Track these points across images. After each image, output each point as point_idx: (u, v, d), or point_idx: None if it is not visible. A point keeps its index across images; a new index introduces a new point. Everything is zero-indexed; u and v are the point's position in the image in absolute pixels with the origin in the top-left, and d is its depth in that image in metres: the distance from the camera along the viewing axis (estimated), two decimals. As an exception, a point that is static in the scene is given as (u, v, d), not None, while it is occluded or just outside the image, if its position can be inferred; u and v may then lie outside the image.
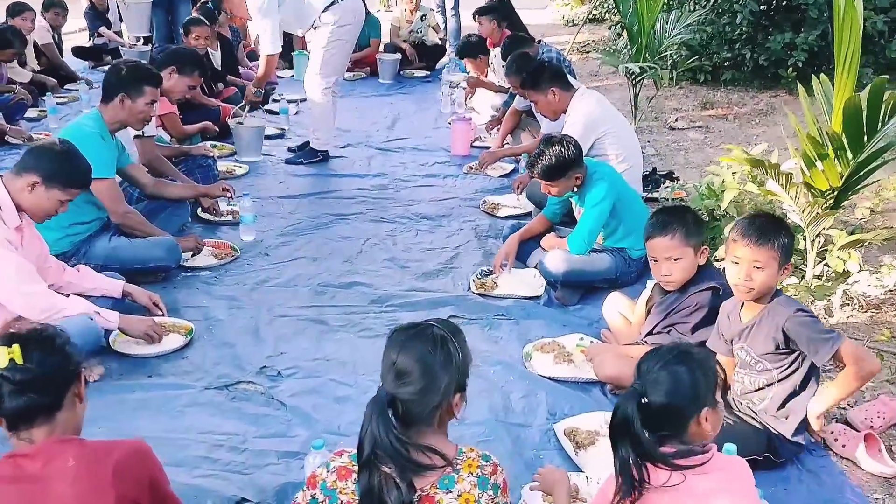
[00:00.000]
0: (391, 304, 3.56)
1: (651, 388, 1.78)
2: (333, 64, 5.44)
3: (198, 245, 3.85)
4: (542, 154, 3.47)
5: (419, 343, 1.78)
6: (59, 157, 2.80)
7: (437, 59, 9.16)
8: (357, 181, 5.30)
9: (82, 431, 1.86)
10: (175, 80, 4.38)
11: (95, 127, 3.61)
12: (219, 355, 3.09)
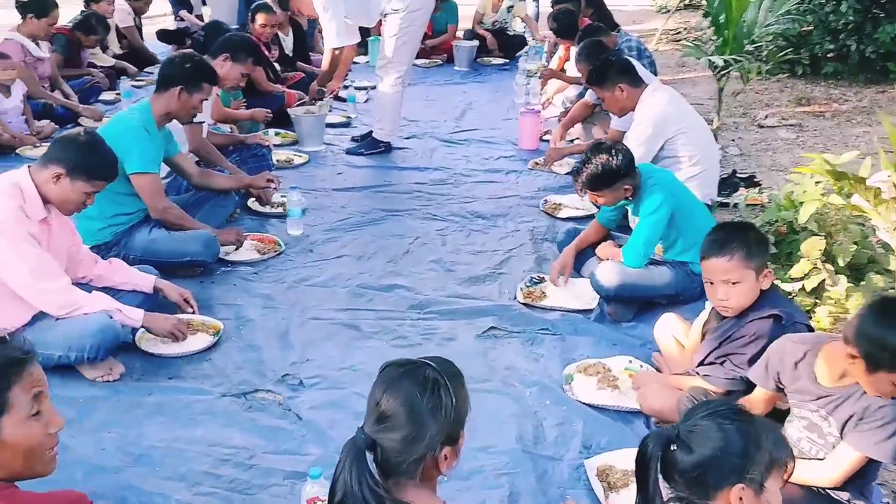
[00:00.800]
0: (430, 311, 3.36)
1: (687, 435, 1.52)
2: (405, 52, 5.30)
3: (239, 238, 3.75)
4: (587, 162, 3.19)
5: (408, 383, 1.57)
6: (83, 147, 2.73)
7: (517, 48, 8.86)
8: (416, 175, 5.12)
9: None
10: (228, 68, 4.29)
11: (141, 119, 3.55)
12: (243, 359, 2.97)
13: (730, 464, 1.51)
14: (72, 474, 2.32)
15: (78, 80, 6.32)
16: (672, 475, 1.54)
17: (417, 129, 6.10)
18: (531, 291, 3.50)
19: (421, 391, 1.55)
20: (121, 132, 3.48)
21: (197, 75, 3.64)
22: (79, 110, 5.78)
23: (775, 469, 1.53)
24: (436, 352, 3.03)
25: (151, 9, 8.40)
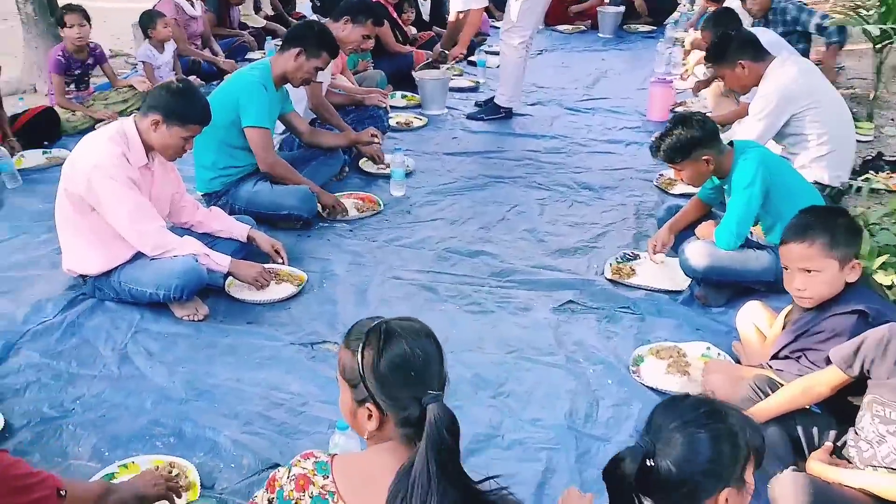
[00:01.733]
0: (510, 280, 3.32)
1: (661, 449, 1.42)
2: (530, 17, 5.20)
3: (335, 205, 3.85)
4: (664, 134, 3.00)
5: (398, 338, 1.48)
6: (176, 94, 2.88)
7: (668, 13, 8.43)
8: (531, 142, 5.03)
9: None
10: (349, 30, 4.37)
11: (261, 76, 3.70)
12: (318, 311, 3.08)
13: (714, 473, 1.39)
14: (142, 401, 2.53)
15: (227, 40, 6.71)
16: (651, 490, 1.44)
17: (544, 96, 5.98)
18: (620, 268, 3.36)
19: (428, 331, 1.52)
20: (241, 87, 3.67)
21: (319, 42, 3.72)
22: (223, 68, 6.15)
23: (752, 458, 1.43)
24: (509, 320, 3.02)
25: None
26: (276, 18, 7.72)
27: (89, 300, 3.07)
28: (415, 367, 1.43)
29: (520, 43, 5.22)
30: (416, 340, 1.48)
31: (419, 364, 1.44)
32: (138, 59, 5.74)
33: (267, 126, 3.69)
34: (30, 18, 6.07)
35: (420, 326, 1.54)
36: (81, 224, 2.92)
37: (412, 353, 1.44)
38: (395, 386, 1.43)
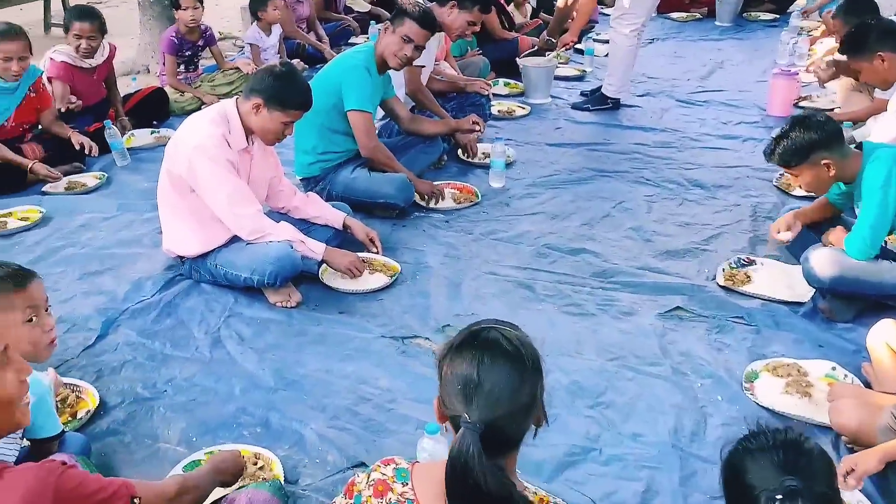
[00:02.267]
0: (613, 281, 3.13)
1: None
2: (644, 3, 4.95)
3: (433, 191, 3.75)
4: (780, 136, 2.74)
5: (500, 351, 1.38)
6: (278, 78, 2.84)
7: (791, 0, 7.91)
8: (638, 135, 4.78)
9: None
10: (455, 16, 4.24)
11: (364, 60, 3.63)
12: (410, 304, 2.98)
13: None
14: (231, 387, 2.50)
15: (332, 24, 6.72)
16: None
17: (654, 87, 5.70)
18: (734, 274, 3.12)
19: (517, 351, 1.39)
20: (345, 70, 3.61)
21: (422, 21, 3.60)
22: (324, 52, 6.15)
23: None
24: (610, 324, 2.85)
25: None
26: (381, 3, 7.69)
27: (186, 281, 3.09)
28: (469, 384, 1.34)
29: (631, 31, 4.97)
30: (491, 362, 1.36)
31: (473, 385, 1.34)
32: (246, 41, 5.81)
33: (370, 110, 3.62)
34: (145, 1, 6.24)
35: (514, 350, 1.39)
36: (181, 205, 2.93)
37: (474, 371, 1.35)
38: (449, 393, 1.38)
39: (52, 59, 4.45)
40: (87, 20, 4.44)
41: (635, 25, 4.97)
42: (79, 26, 4.42)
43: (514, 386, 1.35)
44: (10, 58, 3.89)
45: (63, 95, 4.43)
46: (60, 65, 4.43)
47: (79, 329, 2.79)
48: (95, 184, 4.11)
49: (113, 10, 8.73)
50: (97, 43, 4.49)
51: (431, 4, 4.26)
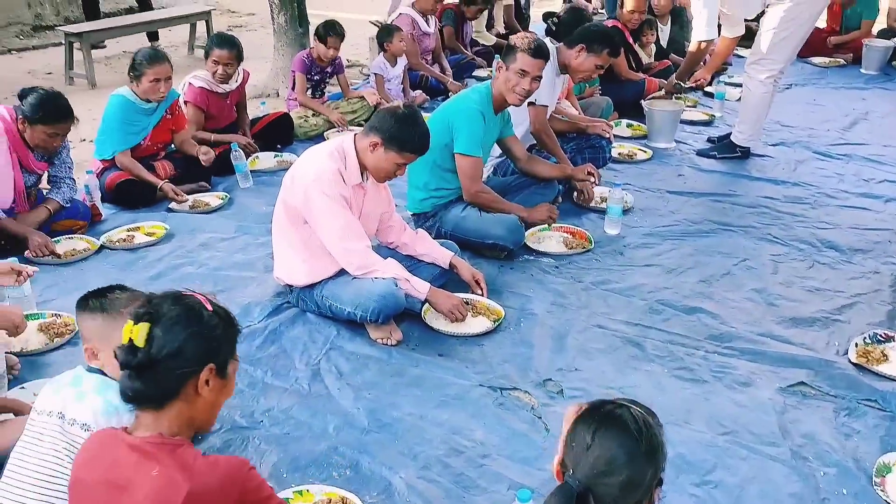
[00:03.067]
0: (731, 347, 2.93)
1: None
2: (784, 49, 4.70)
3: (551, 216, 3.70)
4: None
5: (622, 424, 1.42)
6: (400, 120, 2.84)
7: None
8: (768, 188, 4.52)
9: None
10: (583, 59, 4.14)
11: (479, 102, 3.59)
12: (512, 353, 2.89)
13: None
14: (326, 424, 2.49)
15: (456, 56, 6.77)
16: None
17: (789, 136, 5.40)
18: (869, 350, 2.85)
19: (637, 432, 1.40)
20: (459, 111, 3.59)
21: (530, 53, 3.52)
22: (447, 85, 6.19)
23: None
24: (725, 394, 2.66)
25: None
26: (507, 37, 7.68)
27: (293, 310, 3.12)
28: (581, 445, 1.42)
29: (767, 77, 4.73)
30: (607, 431, 1.42)
31: (584, 446, 1.41)
32: (371, 70, 5.94)
33: (476, 154, 3.56)
34: (281, 28, 6.50)
35: (634, 429, 1.41)
36: (294, 235, 2.97)
37: (590, 435, 1.41)
38: (566, 453, 1.45)
39: (191, 83, 4.68)
40: (227, 48, 4.65)
41: (773, 72, 4.73)
42: (218, 53, 4.63)
43: (621, 460, 1.38)
44: (159, 79, 4.11)
45: (197, 120, 4.65)
46: (198, 90, 4.65)
47: (187, 349, 2.86)
48: (218, 204, 4.26)
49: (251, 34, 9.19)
50: (233, 70, 4.70)
51: (559, 45, 4.20)
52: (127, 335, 1.53)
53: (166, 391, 1.56)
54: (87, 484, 1.57)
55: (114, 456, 1.55)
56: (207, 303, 1.64)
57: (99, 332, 1.89)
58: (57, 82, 6.98)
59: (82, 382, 1.88)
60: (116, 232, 3.85)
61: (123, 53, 8.25)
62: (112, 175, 4.17)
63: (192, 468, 1.50)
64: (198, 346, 1.56)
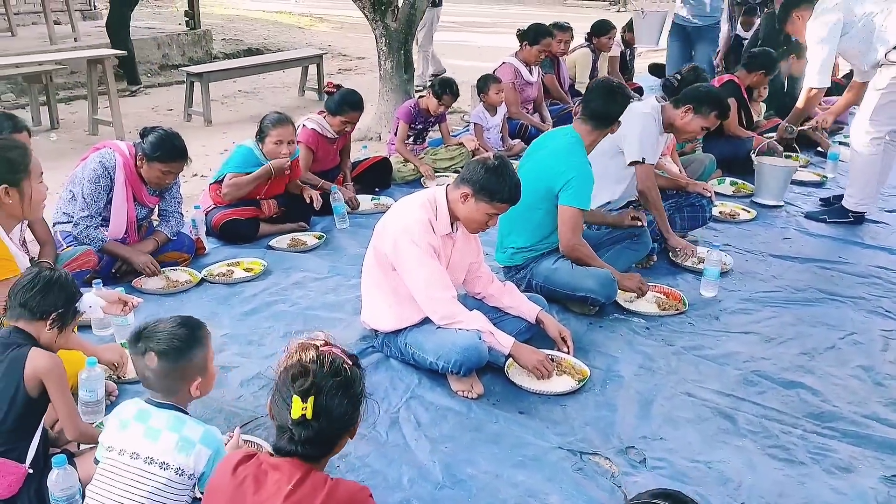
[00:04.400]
0: (830, 427, 2.75)
1: None
2: (891, 112, 4.51)
3: (641, 287, 3.58)
4: None
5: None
6: (490, 171, 2.85)
7: None
8: (882, 257, 4.28)
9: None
10: (689, 119, 4.05)
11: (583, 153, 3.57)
12: (594, 416, 2.81)
13: None
14: (400, 475, 2.47)
15: (557, 106, 6.78)
16: None
17: (907, 202, 5.11)
18: None
19: None
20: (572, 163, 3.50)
21: (620, 111, 3.57)
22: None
23: None
24: (822, 479, 2.50)
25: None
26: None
27: (377, 354, 3.15)
28: None
29: (874, 139, 4.55)
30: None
31: None
32: (471, 119, 6.01)
33: (583, 207, 3.52)
34: (387, 74, 6.70)
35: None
36: (383, 281, 3.01)
37: None
38: None
39: (305, 125, 4.86)
40: (358, 111, 4.85)
41: (879, 133, 4.54)
42: (351, 115, 4.82)
43: None
44: (281, 141, 4.30)
45: (307, 160, 4.81)
46: (311, 132, 4.83)
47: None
48: (314, 243, 4.38)
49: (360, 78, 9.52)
50: (353, 129, 4.91)
51: (664, 104, 4.14)
52: (298, 411, 1.67)
53: (329, 449, 1.78)
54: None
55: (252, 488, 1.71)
56: (346, 355, 1.82)
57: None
58: (176, 118, 7.43)
59: (150, 417, 1.95)
60: (217, 266, 4.01)
61: (239, 93, 8.72)
62: (219, 213, 4.36)
63: (320, 484, 1.69)
64: (355, 406, 1.76)
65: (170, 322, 2.07)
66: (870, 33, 4.44)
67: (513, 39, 6.60)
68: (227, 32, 12.26)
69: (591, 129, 3.60)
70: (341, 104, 4.79)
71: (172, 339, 2.03)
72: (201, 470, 1.95)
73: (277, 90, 9.11)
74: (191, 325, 2.10)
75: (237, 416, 2.73)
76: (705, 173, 5.14)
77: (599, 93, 3.60)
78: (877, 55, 4.45)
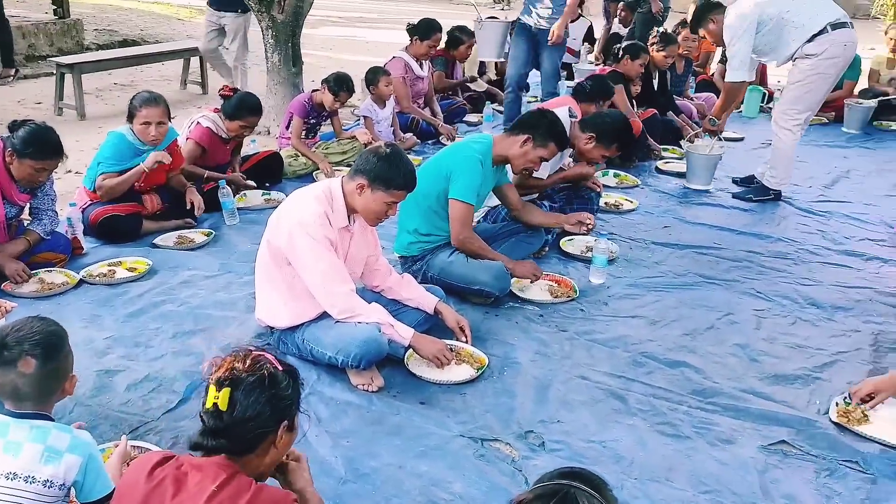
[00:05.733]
0: (714, 402, 2.91)
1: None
2: (808, 101, 4.97)
3: (534, 273, 3.67)
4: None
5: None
6: (383, 159, 2.84)
7: (929, 110, 7.52)
8: (753, 242, 4.56)
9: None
10: (590, 147, 4.17)
11: (481, 151, 3.62)
12: (494, 403, 2.86)
13: None
14: (301, 472, 2.42)
15: (447, 101, 6.84)
16: None
17: (773, 192, 5.46)
18: (849, 411, 2.84)
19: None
20: (459, 158, 3.60)
21: (549, 133, 3.65)
22: (438, 128, 6.24)
23: None
24: (707, 451, 2.63)
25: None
26: (498, 83, 7.79)
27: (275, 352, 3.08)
28: None
29: (794, 124, 5.02)
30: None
31: None
32: (360, 113, 5.98)
33: (470, 202, 3.58)
34: (274, 67, 6.55)
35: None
36: (277, 276, 2.95)
37: None
38: None
39: (200, 122, 4.66)
40: (257, 115, 4.72)
41: (798, 120, 5.01)
42: (250, 119, 4.66)
43: None
44: (149, 122, 4.10)
45: (194, 156, 4.63)
46: (205, 131, 4.65)
47: (163, 390, 2.81)
48: (203, 241, 4.23)
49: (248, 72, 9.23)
50: (251, 132, 4.81)
51: (573, 122, 4.25)
52: (211, 400, 1.65)
53: (246, 449, 1.72)
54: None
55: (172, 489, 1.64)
56: (278, 363, 1.78)
57: None
58: (46, 112, 6.99)
59: (9, 430, 1.83)
60: (97, 266, 3.81)
61: (115, 86, 8.29)
62: (97, 210, 4.13)
63: (243, 491, 1.64)
64: (274, 410, 1.71)
65: (27, 323, 1.93)
66: (781, 29, 4.81)
67: (402, 35, 6.60)
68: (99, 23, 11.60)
69: (505, 136, 3.74)
70: (239, 108, 4.63)
71: (49, 336, 1.91)
72: (73, 479, 1.82)
73: (157, 83, 8.69)
74: (47, 319, 1.98)
75: (124, 422, 2.61)
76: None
77: (546, 122, 3.69)
78: (790, 50, 4.82)
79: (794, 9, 4.80)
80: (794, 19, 4.79)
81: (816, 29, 4.74)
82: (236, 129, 4.67)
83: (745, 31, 4.83)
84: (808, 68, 4.83)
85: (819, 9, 4.80)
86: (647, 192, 5.43)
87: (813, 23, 4.76)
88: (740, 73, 4.97)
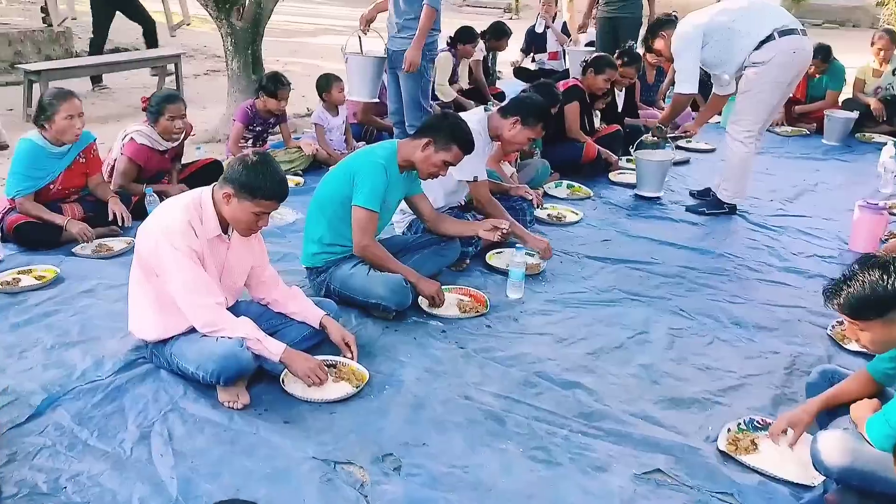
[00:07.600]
0: (596, 427, 2.76)
1: None
2: (759, 110, 4.81)
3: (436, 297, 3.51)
4: (850, 276, 2.28)
5: None
6: (248, 168, 2.73)
7: (912, 121, 7.28)
8: (692, 257, 4.39)
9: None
10: (516, 132, 4.09)
11: (385, 157, 3.51)
12: (363, 422, 2.73)
13: None
14: (130, 495, 2.32)
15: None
16: None
17: (731, 206, 5.28)
18: (738, 438, 2.68)
19: None
20: (362, 164, 3.52)
21: (451, 137, 3.52)
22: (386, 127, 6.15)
23: None
24: (575, 479, 2.49)
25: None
26: (470, 92, 7.68)
27: (148, 365, 2.98)
28: None
29: (746, 136, 4.86)
30: None
31: None
32: (312, 121, 5.90)
33: (373, 209, 3.46)
34: (234, 74, 6.52)
35: None
36: (146, 287, 2.86)
37: None
38: None
39: (133, 138, 4.57)
40: (177, 103, 4.60)
41: (750, 132, 4.85)
42: (172, 108, 4.56)
43: None
44: (73, 115, 4.06)
45: (130, 174, 4.56)
46: (141, 148, 4.55)
47: (19, 404, 2.72)
48: (122, 249, 4.16)
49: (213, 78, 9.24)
50: (182, 125, 4.66)
51: (492, 112, 4.14)
52: None
53: None
54: None
55: None
56: None
57: None
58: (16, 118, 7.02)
59: None
60: (6, 274, 3.75)
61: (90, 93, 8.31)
62: (13, 216, 4.09)
63: None
64: None
65: None
66: (729, 40, 4.67)
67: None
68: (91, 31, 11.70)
69: (408, 141, 3.63)
70: (159, 103, 4.58)
71: None
72: None
73: (135, 90, 8.72)
74: None
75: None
76: (537, 177, 5.19)
77: (448, 124, 3.58)
78: (739, 60, 4.70)
79: (741, 17, 4.68)
80: (740, 28, 4.65)
81: (763, 35, 4.59)
82: (166, 126, 4.56)
83: (690, 43, 4.73)
84: (755, 77, 4.68)
85: (766, 16, 4.65)
86: (596, 204, 5.28)
87: (760, 30, 4.61)
88: (686, 85, 4.88)
